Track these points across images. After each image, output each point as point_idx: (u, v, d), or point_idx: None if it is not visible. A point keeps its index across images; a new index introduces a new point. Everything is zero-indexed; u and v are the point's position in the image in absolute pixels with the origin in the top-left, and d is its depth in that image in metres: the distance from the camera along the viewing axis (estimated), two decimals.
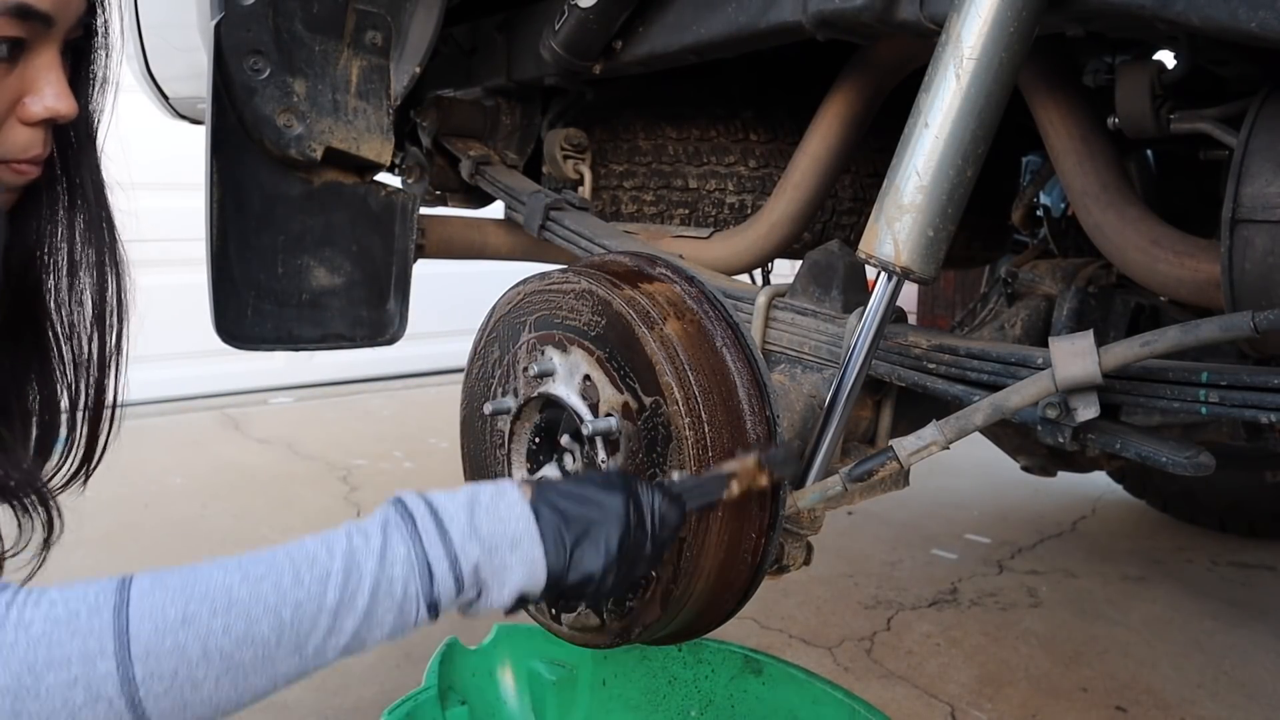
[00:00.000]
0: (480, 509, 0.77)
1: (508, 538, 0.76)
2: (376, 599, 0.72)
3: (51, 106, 0.81)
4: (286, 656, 0.69)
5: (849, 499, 1.10)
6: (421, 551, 0.74)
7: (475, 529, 0.76)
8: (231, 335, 1.53)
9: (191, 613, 0.66)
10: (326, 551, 0.72)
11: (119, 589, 0.66)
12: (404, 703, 1.34)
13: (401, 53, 1.53)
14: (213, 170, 1.45)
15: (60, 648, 0.62)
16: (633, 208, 1.88)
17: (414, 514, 0.76)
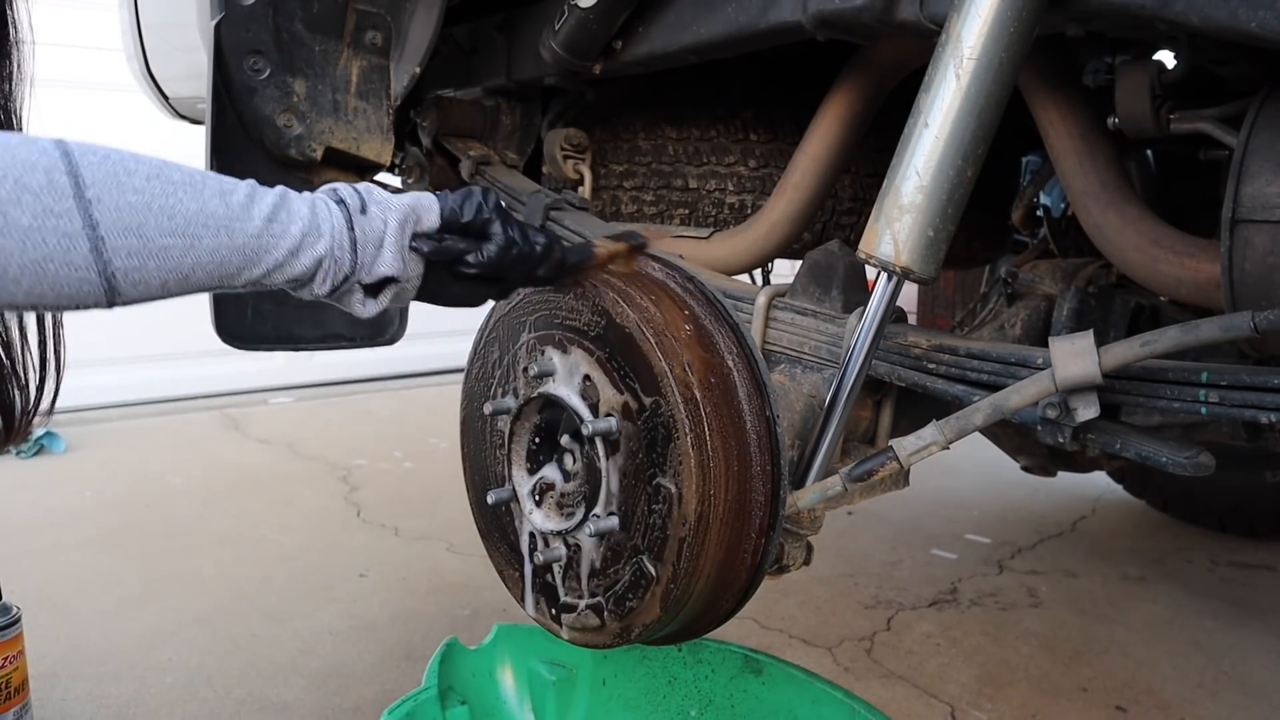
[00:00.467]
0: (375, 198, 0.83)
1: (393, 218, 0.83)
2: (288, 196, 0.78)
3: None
4: (211, 195, 0.74)
5: (849, 499, 1.10)
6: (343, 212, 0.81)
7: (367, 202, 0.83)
8: (231, 335, 1.53)
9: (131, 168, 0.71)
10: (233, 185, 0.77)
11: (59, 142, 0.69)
12: (404, 703, 1.34)
13: (401, 53, 1.54)
14: (213, 170, 1.45)
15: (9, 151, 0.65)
16: (633, 208, 1.88)
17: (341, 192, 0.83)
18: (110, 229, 0.67)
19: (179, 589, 2.44)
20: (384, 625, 2.24)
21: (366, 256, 0.81)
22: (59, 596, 2.37)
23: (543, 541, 1.10)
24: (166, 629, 2.22)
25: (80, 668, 2.04)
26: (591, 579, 1.05)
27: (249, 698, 1.94)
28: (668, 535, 0.96)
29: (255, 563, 2.61)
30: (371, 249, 0.81)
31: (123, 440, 3.80)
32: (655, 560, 0.98)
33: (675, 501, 0.95)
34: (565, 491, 1.08)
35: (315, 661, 2.08)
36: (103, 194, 0.67)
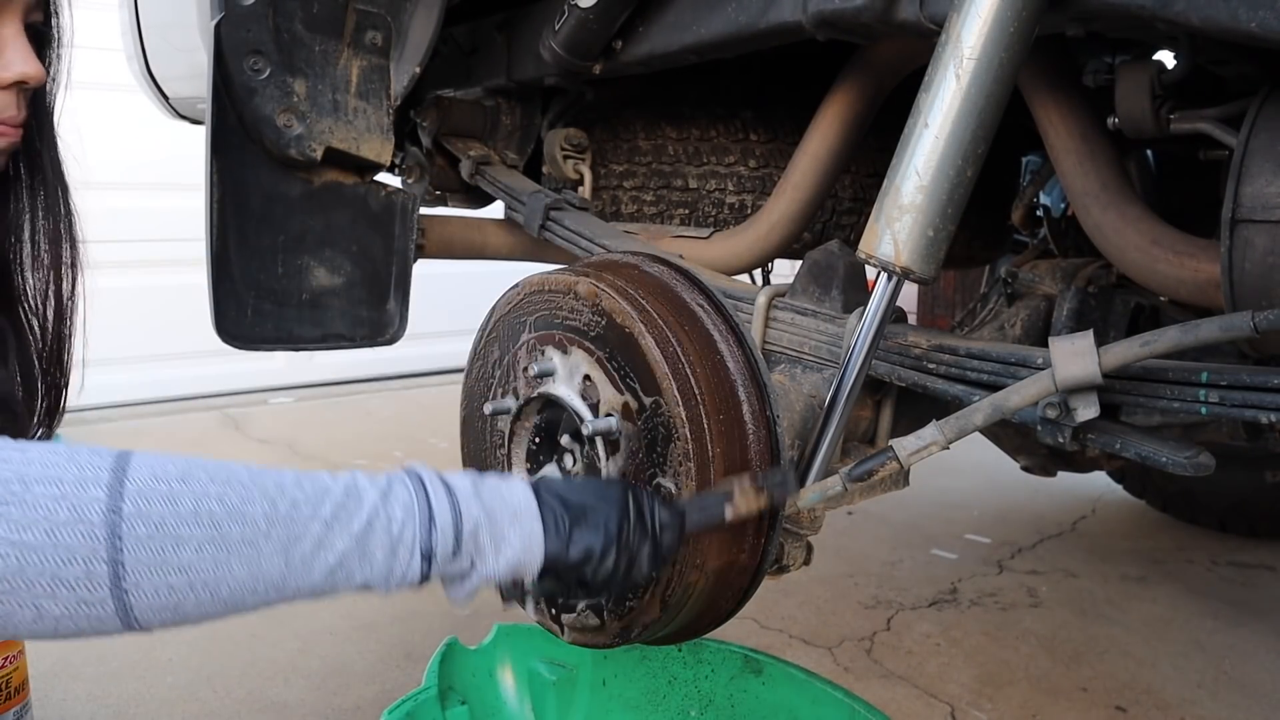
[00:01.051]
0: (485, 484, 0.78)
1: (509, 509, 0.77)
2: (372, 528, 0.70)
3: (21, 70, 0.88)
4: (273, 552, 0.67)
5: (849, 499, 1.10)
6: (425, 501, 0.73)
7: (479, 495, 0.76)
8: (232, 335, 1.53)
9: (191, 474, 0.66)
10: (331, 477, 0.72)
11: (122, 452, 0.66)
12: (404, 703, 1.34)
13: (401, 53, 1.53)
14: (213, 170, 1.45)
15: (56, 469, 0.62)
16: (633, 208, 1.88)
17: (421, 474, 0.76)
18: (145, 610, 0.64)
19: None
20: (384, 625, 2.24)
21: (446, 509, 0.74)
22: None
23: None
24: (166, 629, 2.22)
25: (80, 668, 2.04)
26: None
27: (249, 698, 1.94)
28: None
29: None
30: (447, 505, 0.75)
31: (123, 440, 3.80)
32: None
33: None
34: None
35: (315, 661, 2.08)
36: (142, 580, 0.63)
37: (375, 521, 0.71)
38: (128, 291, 4.08)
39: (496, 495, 0.78)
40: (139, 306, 4.16)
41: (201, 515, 0.65)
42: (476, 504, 0.76)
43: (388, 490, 0.73)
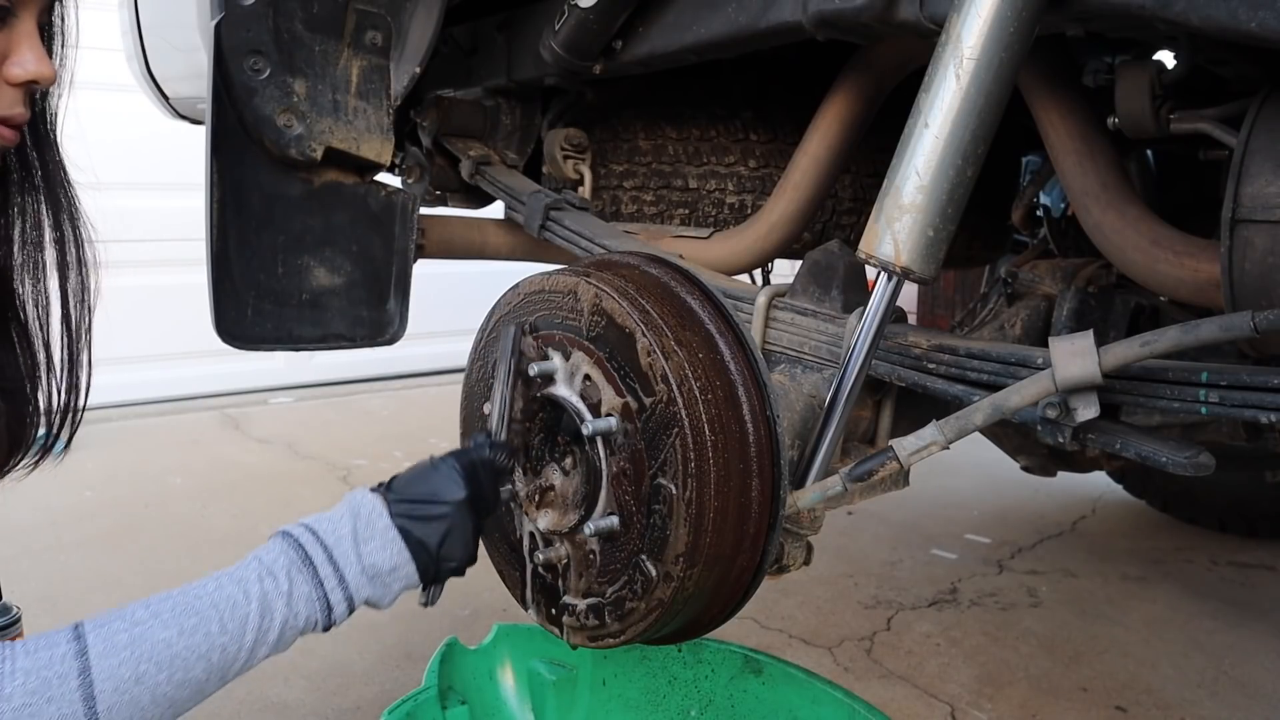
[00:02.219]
0: (362, 541, 0.92)
1: (389, 565, 0.92)
2: (284, 633, 0.88)
3: (33, 70, 0.88)
4: (214, 685, 0.85)
5: (849, 499, 1.10)
6: (323, 594, 0.90)
7: (364, 566, 0.91)
8: (232, 335, 1.53)
9: (142, 672, 0.80)
10: (244, 596, 0.86)
11: (79, 655, 0.78)
12: (404, 703, 1.34)
13: (401, 53, 1.53)
14: (213, 170, 1.45)
15: (40, 716, 0.75)
16: (633, 208, 1.88)
17: (313, 559, 0.90)
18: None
19: None
20: (384, 625, 2.24)
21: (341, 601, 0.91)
22: (59, 596, 2.37)
23: (543, 541, 1.10)
24: None
25: None
26: (591, 579, 1.05)
27: (249, 698, 1.94)
28: (668, 535, 0.96)
29: None
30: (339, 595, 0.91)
31: (123, 440, 3.80)
32: (655, 560, 0.98)
33: (675, 501, 0.95)
34: (565, 492, 1.08)
35: (315, 661, 2.08)
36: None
37: (286, 627, 0.88)
38: (127, 291, 4.07)
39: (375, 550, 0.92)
40: (139, 306, 4.16)
41: (159, 699, 0.81)
42: (364, 579, 0.92)
43: (290, 593, 0.88)
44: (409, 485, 0.96)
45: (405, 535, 0.93)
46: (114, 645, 0.80)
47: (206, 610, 0.84)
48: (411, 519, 0.93)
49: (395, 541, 0.93)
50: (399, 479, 0.97)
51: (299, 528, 0.93)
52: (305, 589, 0.89)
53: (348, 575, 0.91)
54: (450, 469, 0.95)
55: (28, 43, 0.88)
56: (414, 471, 0.97)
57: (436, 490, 0.95)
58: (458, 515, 0.94)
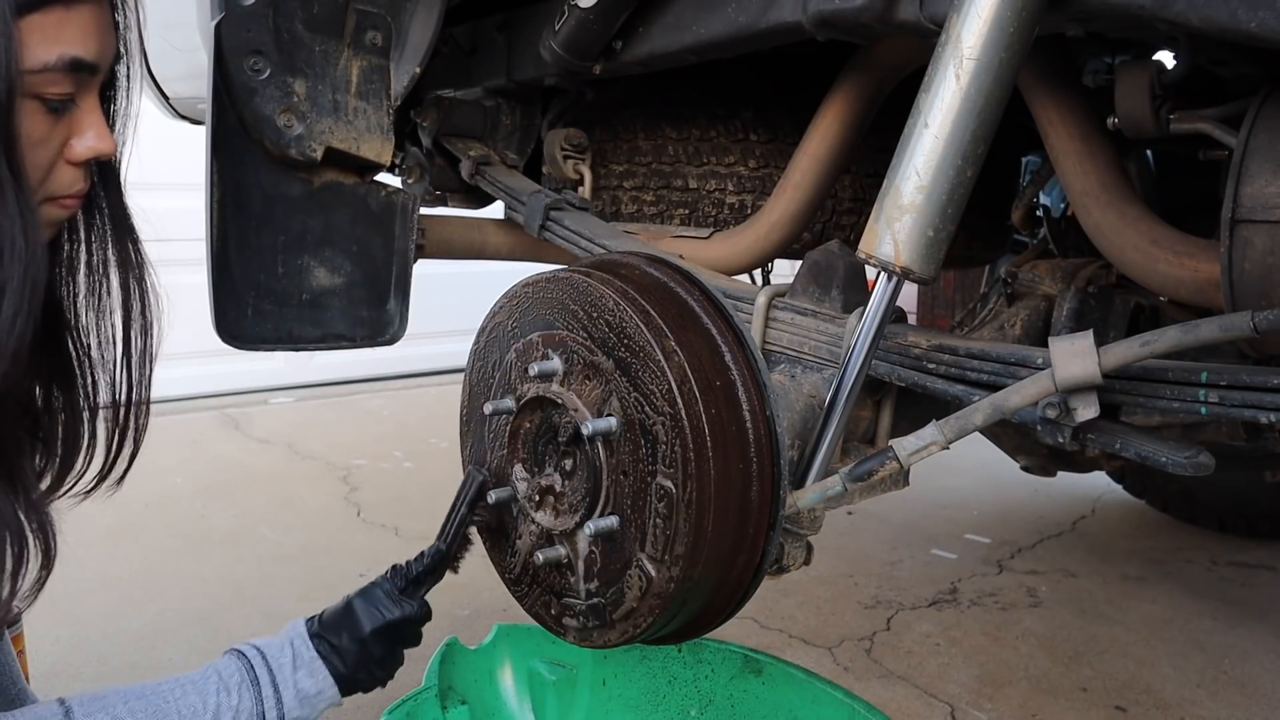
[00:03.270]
0: (296, 668, 1.11)
1: (315, 689, 1.11)
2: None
3: (94, 147, 0.89)
4: None
5: (849, 499, 1.10)
6: (261, 711, 1.08)
7: (297, 690, 1.10)
8: (232, 335, 1.53)
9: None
10: (202, 706, 1.04)
11: None
12: (404, 703, 1.34)
13: (401, 53, 1.53)
14: (213, 170, 1.45)
15: None
16: (633, 208, 1.88)
17: (259, 680, 1.09)
18: None
19: (179, 589, 2.44)
20: None
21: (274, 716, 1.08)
22: (59, 596, 2.37)
23: (544, 541, 1.10)
24: (166, 629, 2.22)
25: (80, 668, 2.04)
26: (592, 579, 1.05)
27: None
28: (668, 535, 0.96)
29: (255, 563, 2.61)
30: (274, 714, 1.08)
31: None
32: (655, 560, 0.98)
33: (675, 501, 0.95)
34: (565, 491, 1.08)
35: None
36: None
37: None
38: None
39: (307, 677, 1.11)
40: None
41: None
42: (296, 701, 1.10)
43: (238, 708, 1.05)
44: (329, 623, 1.13)
45: (328, 664, 1.11)
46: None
47: (172, 714, 1.02)
48: (330, 652, 1.12)
49: (320, 670, 1.11)
50: (325, 614, 1.15)
51: (252, 650, 1.12)
52: (249, 704, 1.07)
53: (284, 697, 1.09)
54: (358, 606, 1.13)
55: (89, 119, 0.88)
56: (336, 609, 1.14)
57: (347, 625, 1.12)
58: (366, 645, 1.11)
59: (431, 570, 1.16)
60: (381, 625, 1.12)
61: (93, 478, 1.03)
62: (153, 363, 1.09)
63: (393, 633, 1.13)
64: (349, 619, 1.13)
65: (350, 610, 1.13)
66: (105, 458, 1.05)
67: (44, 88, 0.83)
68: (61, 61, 0.82)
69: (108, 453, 1.05)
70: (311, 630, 1.14)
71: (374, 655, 1.12)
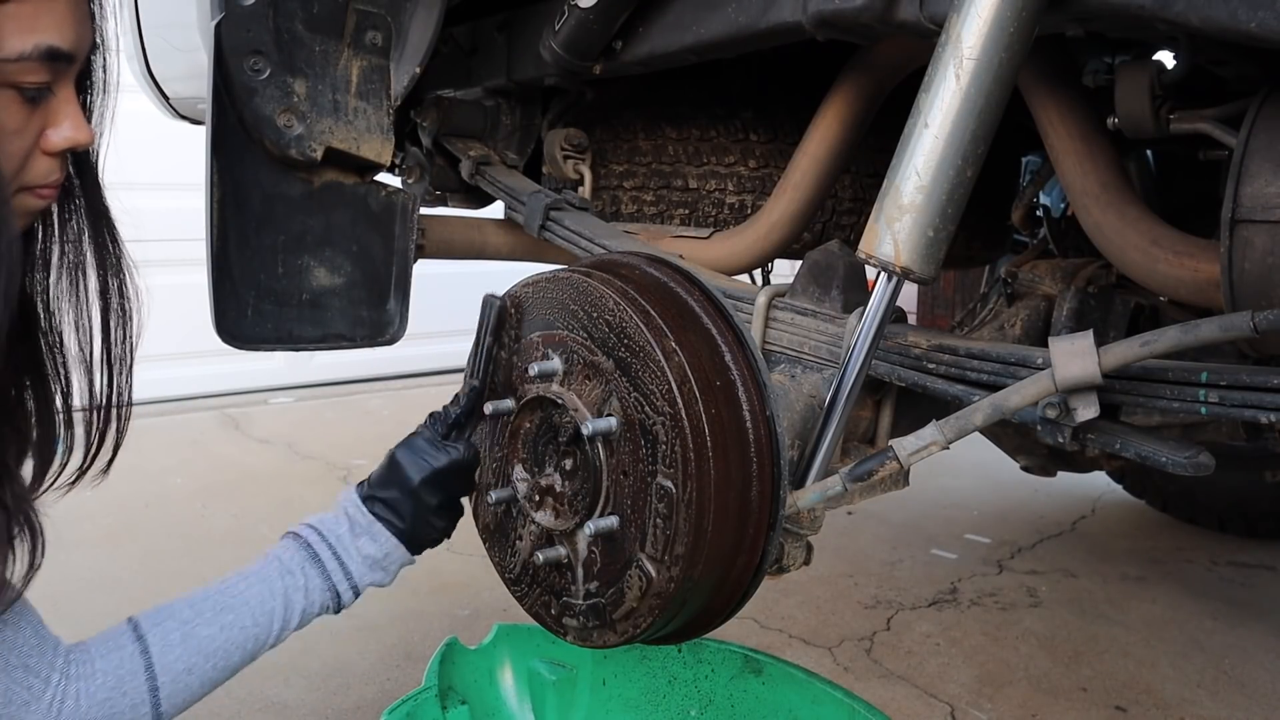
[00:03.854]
0: (356, 536, 1.09)
1: (381, 553, 1.09)
2: (303, 620, 1.07)
3: (71, 137, 0.88)
4: (247, 664, 1.05)
5: (849, 499, 1.10)
6: (331, 585, 1.08)
7: (362, 557, 1.08)
8: (232, 335, 1.53)
9: (192, 663, 0.99)
10: (269, 593, 1.04)
11: (143, 653, 0.97)
12: (404, 703, 1.34)
13: (402, 53, 1.53)
14: (213, 170, 1.45)
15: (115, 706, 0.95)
16: (633, 208, 1.88)
17: (320, 556, 1.07)
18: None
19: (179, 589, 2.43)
20: (384, 625, 2.24)
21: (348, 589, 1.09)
22: (59, 596, 2.37)
23: (544, 541, 1.10)
24: None
25: None
26: (592, 579, 1.05)
27: (249, 697, 1.94)
28: (668, 535, 0.96)
29: None
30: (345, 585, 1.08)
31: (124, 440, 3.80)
32: (655, 560, 0.98)
33: (675, 501, 0.95)
34: (565, 492, 1.08)
35: (315, 661, 2.08)
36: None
37: (305, 615, 1.07)
38: None
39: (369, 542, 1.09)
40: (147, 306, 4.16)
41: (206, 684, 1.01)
42: (365, 568, 1.09)
43: (306, 587, 1.06)
44: (378, 482, 1.10)
45: (387, 524, 1.08)
46: (169, 643, 0.98)
47: (240, 607, 1.02)
48: (386, 511, 1.09)
49: (381, 533, 1.08)
50: (373, 476, 1.11)
51: (306, 529, 1.09)
52: (317, 581, 1.06)
53: (351, 567, 1.07)
54: (402, 458, 1.09)
55: (65, 110, 0.88)
56: (381, 467, 1.11)
57: (396, 480, 1.09)
58: (418, 496, 1.08)
59: (470, 411, 1.12)
60: (430, 473, 1.08)
61: (72, 473, 1.02)
62: (132, 357, 1.08)
63: (444, 480, 1.09)
64: (396, 474, 1.09)
65: (395, 464, 1.09)
66: (85, 454, 1.04)
67: (20, 77, 0.82)
68: (38, 50, 0.82)
69: (87, 448, 1.04)
70: (363, 494, 1.10)
71: (430, 505, 1.08)
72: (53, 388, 1.01)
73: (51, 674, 0.92)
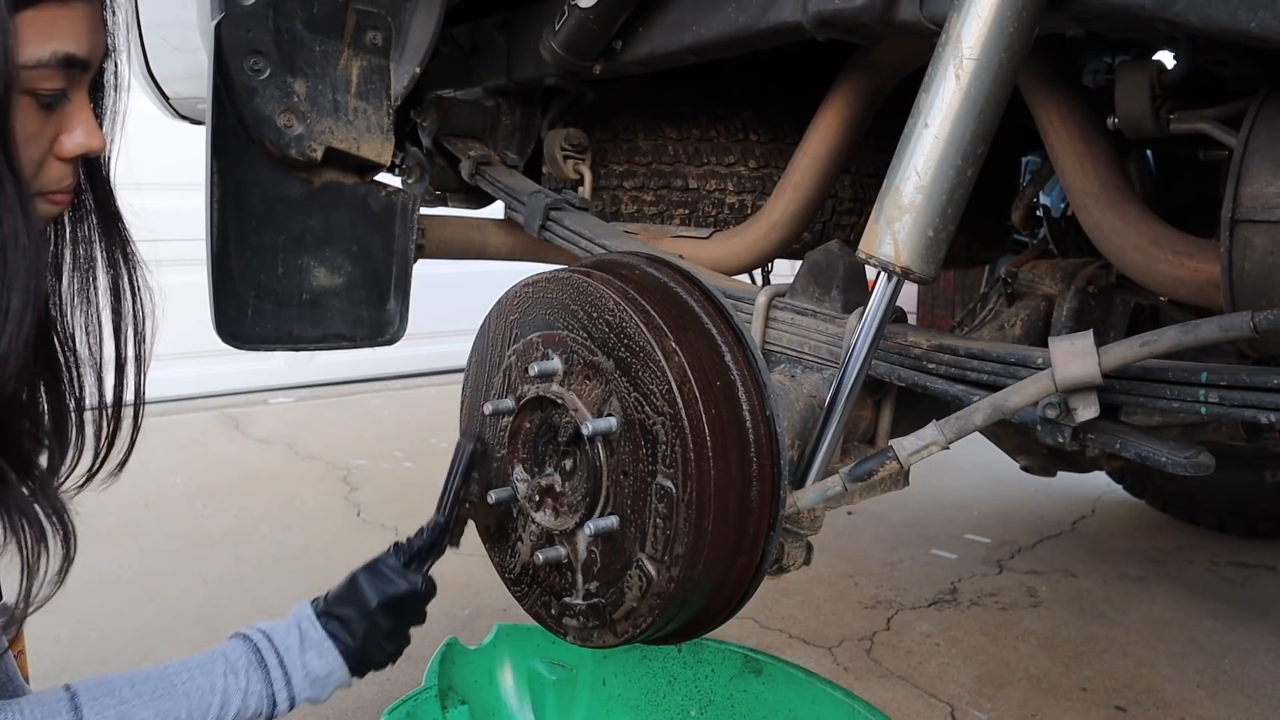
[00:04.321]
0: (304, 650, 1.09)
1: (325, 670, 1.10)
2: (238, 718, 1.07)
3: (83, 143, 0.89)
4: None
5: (849, 499, 1.10)
6: (271, 693, 1.08)
7: (306, 672, 1.09)
8: (232, 335, 1.53)
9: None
10: (210, 689, 1.04)
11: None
12: (404, 703, 1.34)
13: (402, 53, 1.53)
14: (213, 170, 1.45)
15: None
16: (633, 208, 1.88)
17: (267, 663, 1.08)
18: None
19: (179, 589, 2.44)
20: None
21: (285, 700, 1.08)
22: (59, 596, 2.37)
23: (544, 541, 1.10)
24: (166, 629, 2.22)
25: (80, 668, 2.04)
26: (591, 579, 1.05)
27: None
28: (668, 535, 0.96)
29: (255, 563, 2.61)
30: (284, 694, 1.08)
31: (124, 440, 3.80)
32: (655, 560, 0.98)
33: (675, 501, 0.95)
34: (565, 491, 1.08)
35: None
36: None
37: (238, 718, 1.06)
38: None
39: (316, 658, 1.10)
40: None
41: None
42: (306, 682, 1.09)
43: (246, 689, 1.06)
44: (336, 600, 1.12)
45: (337, 642, 1.10)
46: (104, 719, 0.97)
47: (179, 697, 1.02)
48: (339, 628, 1.11)
49: (330, 651, 1.10)
50: (330, 594, 1.14)
51: (258, 634, 1.11)
52: (258, 687, 1.07)
53: (293, 679, 1.09)
54: (364, 582, 1.12)
55: (79, 116, 0.89)
56: (340, 586, 1.13)
57: (354, 600, 1.11)
58: (374, 619, 1.10)
59: (433, 544, 1.14)
60: (387, 598, 1.10)
61: (82, 475, 1.03)
62: (146, 360, 1.08)
63: (399, 606, 1.12)
64: (355, 594, 1.12)
65: (355, 585, 1.12)
66: (95, 456, 1.04)
67: (37, 83, 0.83)
68: (55, 57, 0.83)
69: (96, 451, 1.04)
70: (318, 610, 1.12)
71: (382, 629, 1.11)
72: (65, 393, 1.01)
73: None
